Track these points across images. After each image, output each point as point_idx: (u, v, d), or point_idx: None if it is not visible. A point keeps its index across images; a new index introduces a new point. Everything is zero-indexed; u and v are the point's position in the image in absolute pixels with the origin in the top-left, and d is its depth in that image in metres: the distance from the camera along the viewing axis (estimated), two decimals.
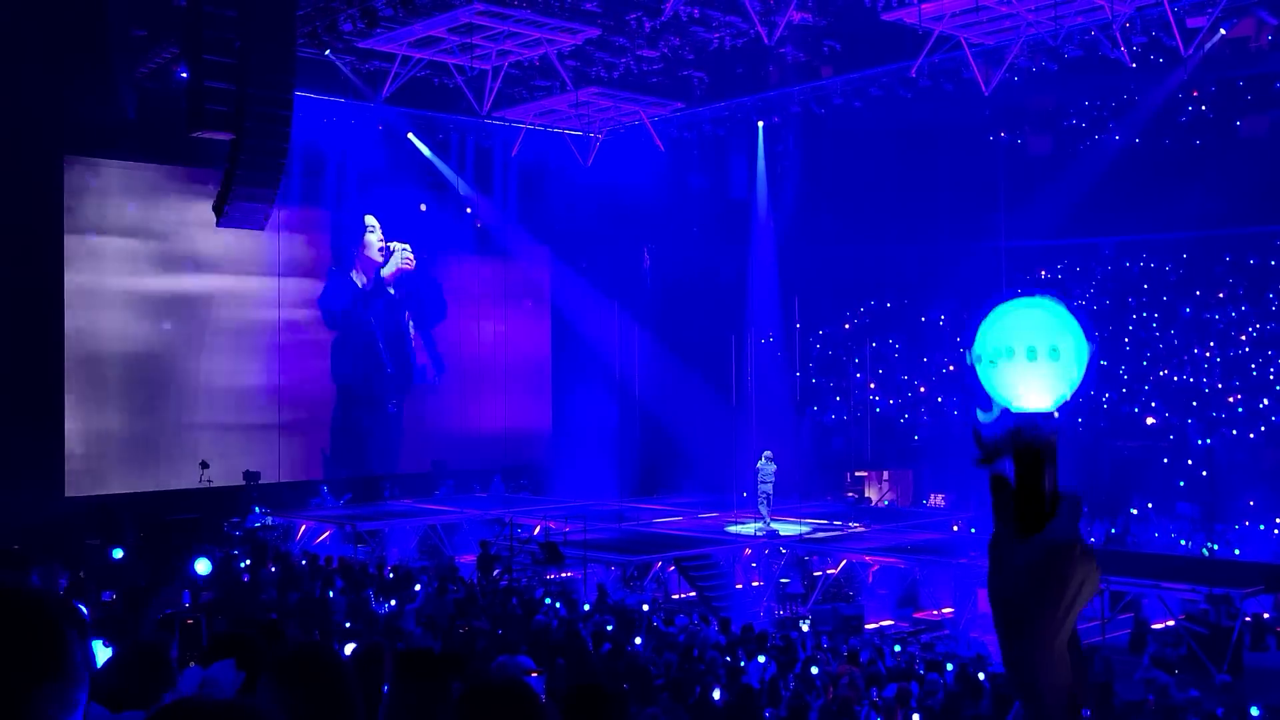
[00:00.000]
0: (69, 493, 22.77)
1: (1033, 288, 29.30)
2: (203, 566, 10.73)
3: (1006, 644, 1.30)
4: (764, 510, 22.41)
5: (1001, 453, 1.34)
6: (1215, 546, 22.47)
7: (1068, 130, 30.40)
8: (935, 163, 27.59)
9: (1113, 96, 28.98)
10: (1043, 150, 30.33)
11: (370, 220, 28.21)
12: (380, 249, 28.39)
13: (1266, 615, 17.87)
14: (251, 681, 3.27)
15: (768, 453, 22.85)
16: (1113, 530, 24.28)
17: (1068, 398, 1.38)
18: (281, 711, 2.58)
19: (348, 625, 15.06)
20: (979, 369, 1.39)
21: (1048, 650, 1.27)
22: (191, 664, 3.42)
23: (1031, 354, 1.35)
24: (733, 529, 23.35)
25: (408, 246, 28.84)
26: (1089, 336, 1.43)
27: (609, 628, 15.26)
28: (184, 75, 21.22)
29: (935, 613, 19.67)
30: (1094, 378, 28.00)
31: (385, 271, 28.57)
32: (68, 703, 1.52)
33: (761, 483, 22.50)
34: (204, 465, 23.52)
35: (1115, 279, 30.27)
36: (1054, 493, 1.32)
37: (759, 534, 22.33)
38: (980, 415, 1.38)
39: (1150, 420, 26.84)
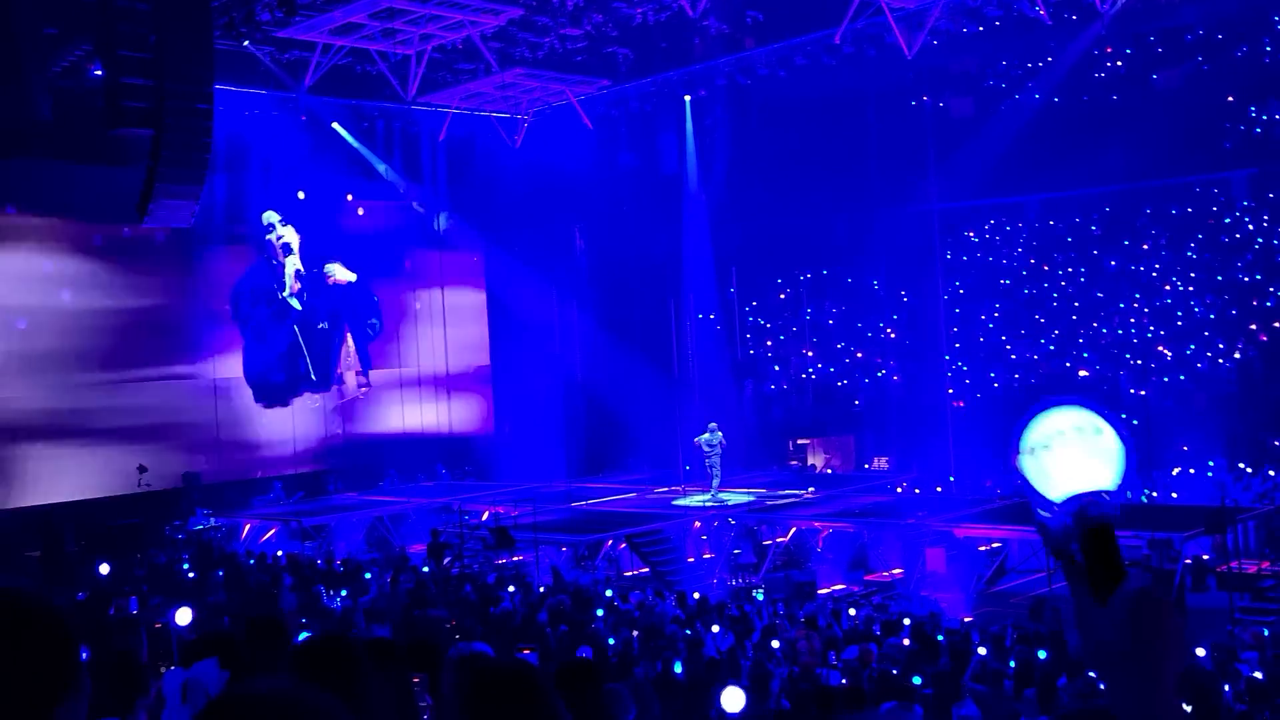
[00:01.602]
0: (6, 504, 22.26)
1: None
2: (183, 617, 10.35)
3: (1118, 696, 1.40)
4: (713, 481, 22.64)
5: (1069, 539, 1.44)
6: (1154, 493, 22.97)
7: (989, 91, 30.73)
8: (863, 129, 27.73)
9: (1031, 56, 29.31)
10: (965, 112, 30.63)
11: (270, 217, 27.50)
12: (281, 245, 27.73)
13: (1206, 557, 18.32)
14: (237, 679, 3.22)
15: (712, 424, 22.99)
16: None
17: (1120, 479, 1.47)
18: None
19: (302, 621, 14.92)
20: (1029, 466, 1.48)
21: (1157, 690, 1.37)
22: (172, 666, 3.36)
23: (1081, 430, 1.48)
24: (680, 502, 23.45)
25: (339, 265, 28.39)
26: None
27: (565, 606, 15.28)
28: (99, 72, 20.73)
29: (885, 574, 19.92)
30: (1026, 335, 28.46)
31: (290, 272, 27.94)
32: (78, 705, 1.52)
33: (708, 454, 22.66)
34: (142, 469, 23.10)
35: (1041, 236, 30.70)
36: (1121, 563, 1.44)
37: (709, 505, 22.49)
38: (1042, 513, 1.47)
39: (1083, 373, 27.32)
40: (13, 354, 23.06)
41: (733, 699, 6.03)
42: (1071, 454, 1.45)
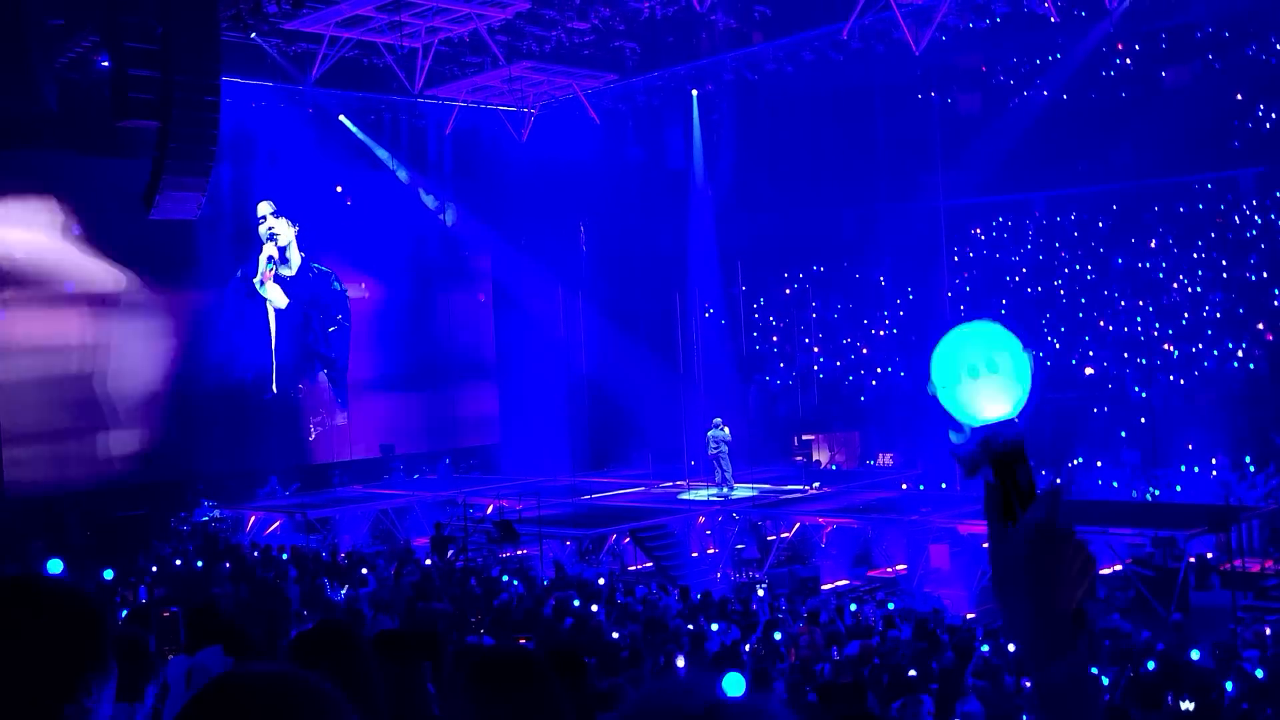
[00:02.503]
0: (10, 493, 22.30)
1: (971, 314, 29.88)
2: (54, 566, 10.46)
3: (1010, 621, 1.44)
4: (723, 475, 22.72)
5: (979, 464, 1.47)
6: (1157, 491, 22.94)
7: (996, 87, 30.71)
8: (870, 124, 27.72)
9: (1039, 52, 29.29)
10: (973, 108, 30.62)
11: (264, 208, 27.44)
12: (268, 234, 27.65)
13: (1209, 555, 18.29)
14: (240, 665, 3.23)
15: (717, 419, 23.03)
16: (1057, 480, 24.68)
17: (1023, 403, 1.50)
18: None
19: (305, 613, 14.94)
20: (939, 397, 1.50)
21: (1045, 621, 1.40)
22: (178, 653, 3.37)
23: (974, 371, 1.48)
24: (685, 497, 23.48)
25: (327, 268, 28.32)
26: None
27: (575, 603, 15.29)
28: (106, 64, 20.74)
29: (889, 570, 19.92)
30: (1033, 331, 28.42)
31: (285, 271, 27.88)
32: (105, 692, 1.56)
33: (714, 449, 22.73)
34: (148, 459, 23.13)
35: (1048, 233, 30.68)
36: (1030, 488, 1.46)
37: (719, 498, 22.54)
38: (953, 437, 1.50)
39: (1089, 370, 27.28)
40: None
41: (733, 686, 6.00)
42: (980, 385, 1.48)
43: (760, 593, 17.35)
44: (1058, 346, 27.99)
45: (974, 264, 30.53)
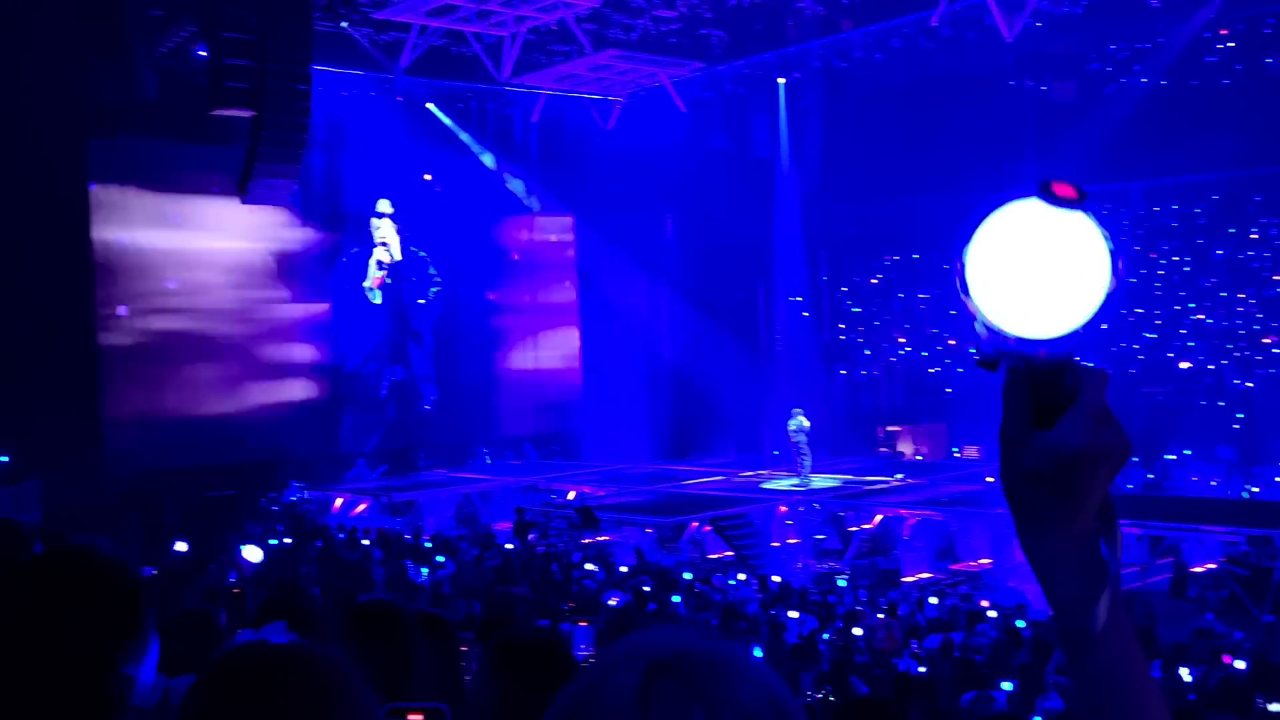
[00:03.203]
0: (108, 472, 22.98)
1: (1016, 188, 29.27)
2: (252, 554, 10.76)
3: (1021, 532, 1.18)
4: (804, 465, 22.62)
5: (1001, 356, 1.13)
6: (1255, 489, 22.31)
7: (1092, 74, 29.97)
8: (959, 112, 27.23)
9: (1137, 38, 28.52)
10: (1067, 96, 29.92)
11: (381, 205, 27.95)
12: (381, 242, 28.12)
13: None
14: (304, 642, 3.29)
15: (797, 410, 22.92)
16: (1150, 476, 24.14)
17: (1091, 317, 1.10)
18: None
19: (389, 595, 15.18)
20: (971, 299, 1.17)
21: (1063, 541, 1.14)
22: (245, 628, 3.44)
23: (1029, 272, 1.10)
24: (768, 486, 23.39)
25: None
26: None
27: (645, 588, 15.34)
28: (202, 53, 21.21)
29: (973, 564, 19.64)
30: (1127, 324, 27.78)
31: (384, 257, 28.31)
32: (145, 659, 1.61)
33: (794, 439, 22.63)
34: (241, 440, 23.67)
35: (1145, 223, 29.92)
36: (1073, 392, 1.10)
37: (798, 489, 22.44)
38: (980, 328, 1.15)
39: (1185, 364, 26.60)
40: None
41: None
42: (1036, 264, 1.05)
43: (840, 584, 17.23)
44: (1154, 339, 27.32)
45: None
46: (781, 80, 27.91)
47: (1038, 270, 1.05)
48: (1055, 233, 1.05)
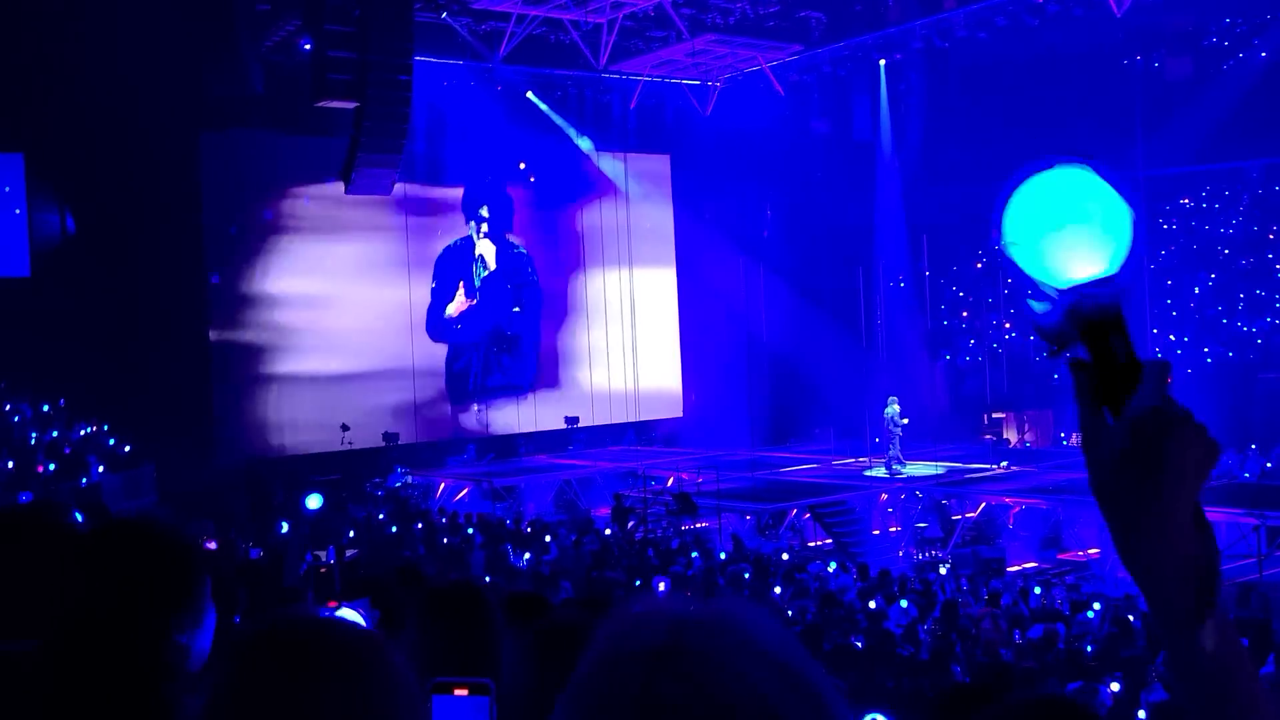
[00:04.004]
0: (218, 458, 23.66)
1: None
2: (314, 502, 11.12)
3: (1117, 538, 1.12)
4: (892, 453, 22.34)
5: (1069, 337, 1.15)
6: None
7: (1208, 49, 28.95)
8: (1066, 92, 26.54)
9: (1257, 12, 27.49)
10: (1182, 72, 28.94)
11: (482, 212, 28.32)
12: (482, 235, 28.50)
13: None
14: (387, 620, 3.32)
15: (891, 397, 22.64)
16: (1268, 464, 23.32)
17: (1122, 259, 1.16)
18: (428, 643, 2.66)
19: (487, 579, 15.36)
20: (1014, 255, 1.20)
21: (1160, 536, 1.08)
22: (328, 604, 3.48)
23: (1058, 222, 1.16)
24: (869, 473, 23.15)
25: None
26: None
27: (746, 575, 15.28)
28: (307, 46, 21.63)
29: (1080, 554, 19.17)
30: (1243, 307, 26.85)
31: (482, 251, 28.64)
32: (198, 627, 1.64)
33: (891, 428, 22.38)
34: (345, 428, 24.15)
35: (1264, 203, 28.86)
36: (1131, 363, 1.12)
37: (892, 476, 22.18)
38: (1035, 306, 1.19)
39: None
40: None
41: None
42: (1065, 237, 1.16)
43: (942, 571, 16.96)
44: (1273, 322, 26.36)
45: (1179, 235, 28.99)
46: (882, 62, 27.50)
47: (1063, 217, 1.16)
48: (1070, 183, 1.19)
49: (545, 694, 2.28)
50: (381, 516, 20.19)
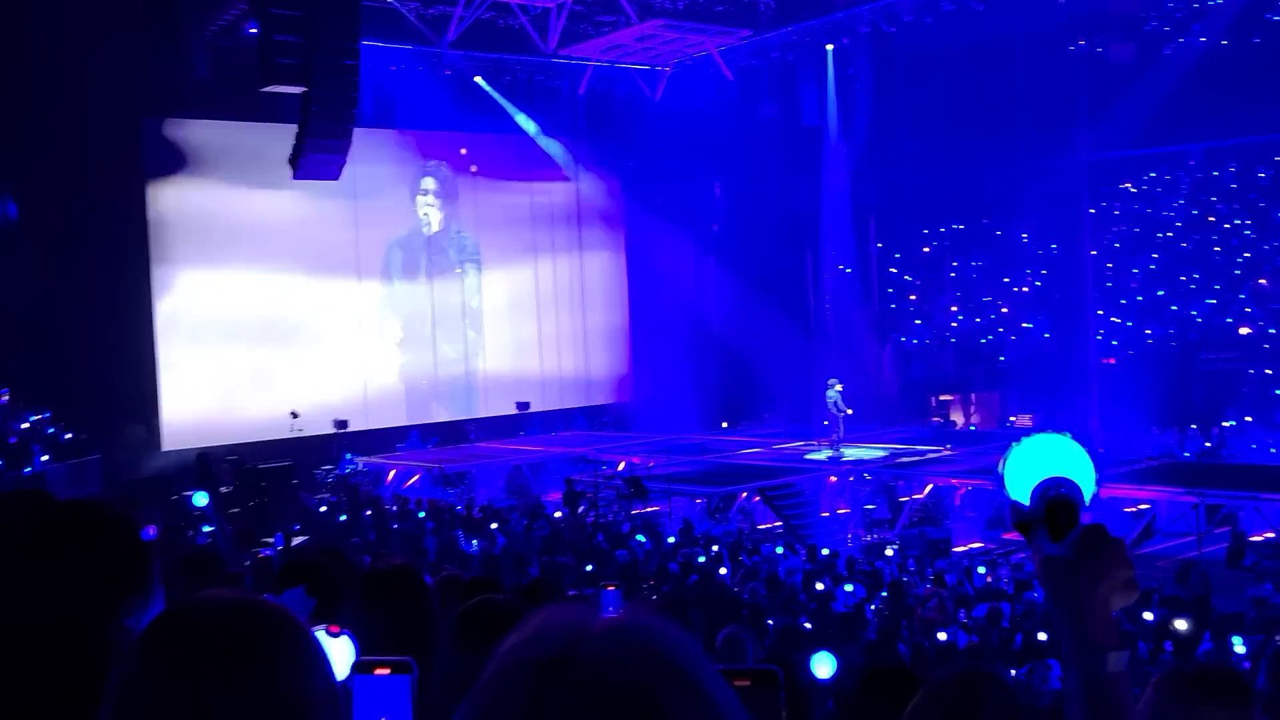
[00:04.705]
0: (165, 447, 23.44)
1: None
2: (200, 499, 11.11)
3: (1058, 619, 1.56)
4: (837, 436, 22.56)
5: (1036, 517, 1.56)
6: None
7: (1150, 34, 29.32)
8: (1012, 77, 26.78)
9: None
10: (1124, 57, 29.29)
11: (425, 182, 28.15)
12: (426, 207, 28.36)
13: None
14: (323, 607, 3.35)
15: (833, 380, 22.84)
16: (1207, 444, 23.78)
17: (1086, 497, 1.58)
18: (367, 628, 2.69)
19: (441, 565, 15.37)
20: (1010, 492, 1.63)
21: (1090, 592, 1.51)
22: (266, 592, 3.51)
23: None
24: (811, 456, 23.33)
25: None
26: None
27: (700, 559, 15.39)
28: (253, 31, 21.38)
29: None
30: (1185, 290, 27.29)
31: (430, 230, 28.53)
32: (145, 610, 1.61)
33: (834, 411, 22.61)
34: (294, 415, 24.00)
35: (1204, 187, 29.31)
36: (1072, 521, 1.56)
37: (832, 460, 22.38)
38: (1015, 502, 1.61)
39: (1244, 330, 26.10)
40: None
41: (823, 666, 5.84)
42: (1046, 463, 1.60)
43: (889, 553, 17.17)
44: (1213, 304, 26.83)
45: (1123, 219, 29.40)
46: (830, 47, 27.61)
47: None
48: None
49: (466, 678, 2.34)
50: (327, 505, 20.13)
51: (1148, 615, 12.38)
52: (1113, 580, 1.50)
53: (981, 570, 15.39)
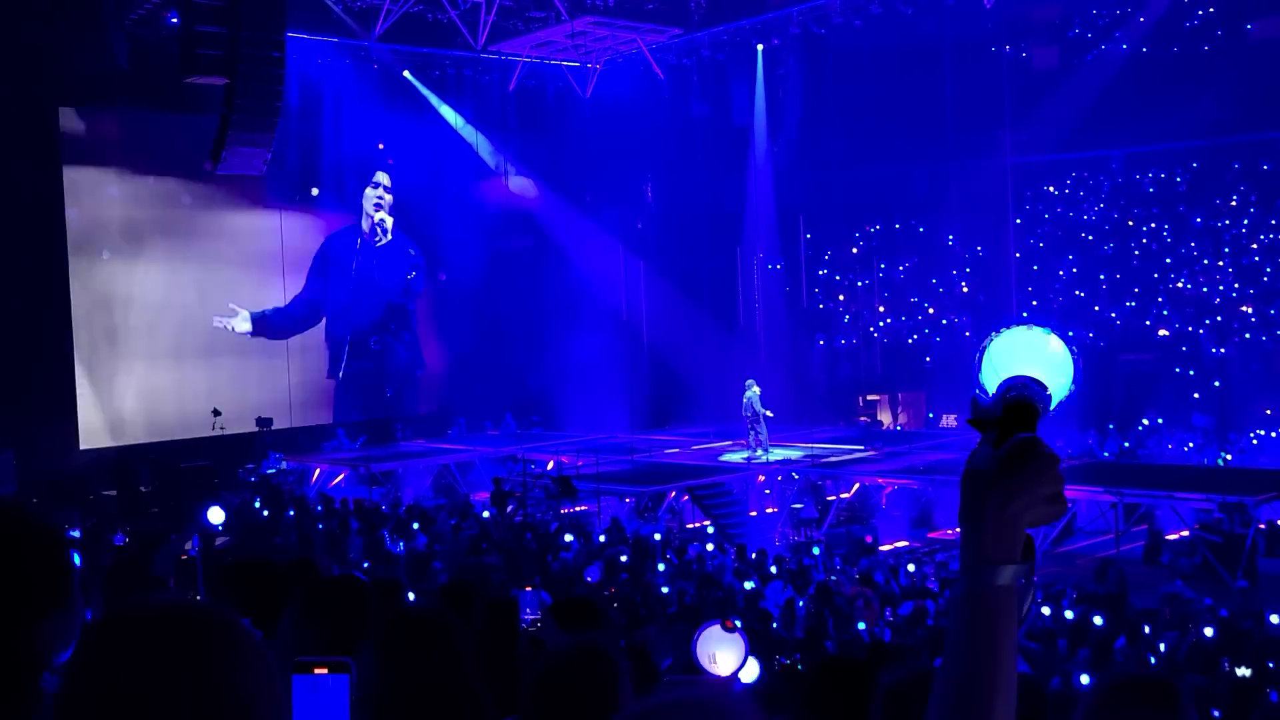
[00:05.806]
0: (83, 445, 22.88)
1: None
2: (216, 515, 10.81)
3: (965, 515, 1.42)
4: (753, 438, 22.61)
5: (993, 414, 1.47)
6: (1229, 456, 22.44)
7: (1073, 40, 29.88)
8: (939, 80, 27.13)
9: (1119, 4, 28.44)
10: (1048, 62, 29.80)
11: (379, 176, 27.91)
12: (375, 203, 28.07)
13: None
14: (261, 619, 3.26)
15: (750, 381, 22.95)
16: (1125, 444, 24.26)
17: (1059, 395, 1.55)
18: (308, 639, 2.65)
19: (365, 565, 15.17)
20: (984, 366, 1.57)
21: (999, 509, 1.38)
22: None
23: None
24: (726, 458, 23.39)
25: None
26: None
27: (623, 558, 15.37)
28: (175, 20, 20.96)
29: (949, 532, 19.71)
30: (1105, 292, 27.83)
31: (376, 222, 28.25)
32: (69, 632, 1.55)
33: (746, 411, 22.71)
34: (216, 413, 23.55)
35: (1125, 191, 29.93)
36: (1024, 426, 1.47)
37: (751, 461, 22.46)
38: (979, 394, 1.52)
39: (1163, 332, 26.69)
40: None
41: (740, 666, 5.56)
42: (1023, 358, 1.54)
43: (816, 552, 17.28)
44: (1131, 305, 27.39)
45: (1046, 222, 29.93)
46: (760, 46, 27.75)
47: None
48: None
49: (389, 685, 2.28)
50: (239, 503, 19.78)
51: (1069, 614, 12.60)
52: (1033, 496, 1.39)
53: (911, 568, 15.54)
